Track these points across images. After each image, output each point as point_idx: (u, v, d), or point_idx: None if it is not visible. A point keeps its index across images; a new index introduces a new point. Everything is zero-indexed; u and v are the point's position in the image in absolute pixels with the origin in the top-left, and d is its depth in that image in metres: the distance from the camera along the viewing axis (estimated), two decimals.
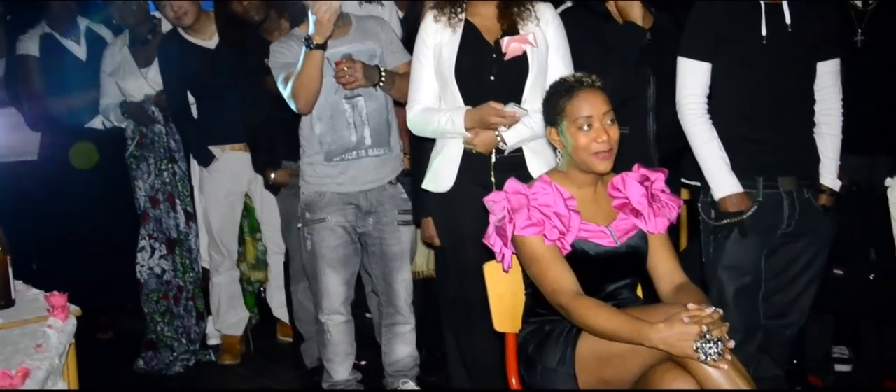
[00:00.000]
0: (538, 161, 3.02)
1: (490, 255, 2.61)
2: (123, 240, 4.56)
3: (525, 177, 2.78)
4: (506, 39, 3.00)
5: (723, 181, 2.90)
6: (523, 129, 2.97)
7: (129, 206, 4.47)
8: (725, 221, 2.92)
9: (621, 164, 2.56)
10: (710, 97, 2.96)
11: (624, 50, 3.18)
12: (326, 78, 3.28)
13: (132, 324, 4.67)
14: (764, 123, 2.91)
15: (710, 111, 2.95)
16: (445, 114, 3.02)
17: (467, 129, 2.99)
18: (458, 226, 3.10)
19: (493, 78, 3.00)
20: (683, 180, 3.19)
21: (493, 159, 3.04)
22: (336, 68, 3.25)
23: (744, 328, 2.92)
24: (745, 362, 2.23)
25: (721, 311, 2.19)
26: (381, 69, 3.33)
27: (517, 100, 2.99)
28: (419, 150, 3.34)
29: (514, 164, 3.01)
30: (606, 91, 2.46)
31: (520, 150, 3.04)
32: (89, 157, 4.62)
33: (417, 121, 3.11)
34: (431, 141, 3.21)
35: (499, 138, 2.98)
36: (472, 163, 3.05)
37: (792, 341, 3.19)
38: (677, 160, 3.15)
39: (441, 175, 3.10)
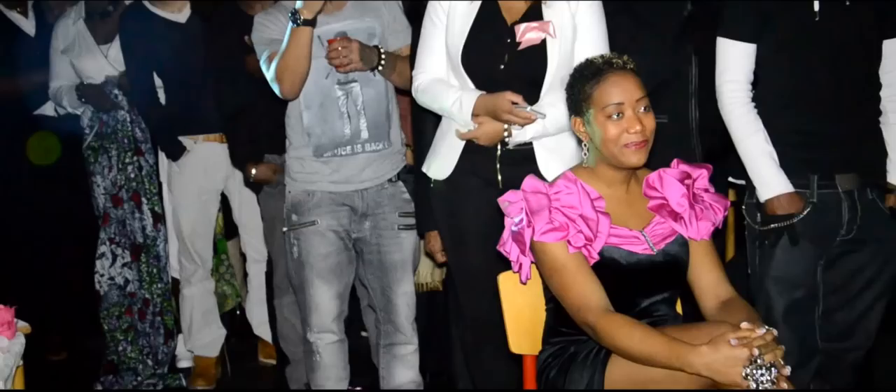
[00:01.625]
0: (549, 157, 3.02)
1: (502, 262, 2.61)
2: (80, 245, 4.57)
3: (534, 173, 2.77)
4: (522, 26, 3.00)
5: (770, 180, 2.89)
6: (533, 125, 2.98)
7: (87, 206, 4.48)
8: (773, 226, 2.91)
9: (659, 159, 2.56)
10: (754, 84, 2.95)
11: (660, 24, 3.17)
12: (317, 59, 3.28)
13: (90, 343, 4.68)
14: (818, 113, 2.90)
15: (754, 100, 2.95)
16: (455, 94, 3.03)
17: (474, 116, 2.99)
18: (457, 226, 3.12)
19: (502, 66, 3.01)
20: (731, 179, 3.18)
21: (499, 151, 3.05)
22: (328, 47, 3.25)
23: (797, 350, 2.90)
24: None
25: (775, 332, 2.18)
26: (381, 50, 3.34)
27: (534, 93, 2.99)
28: (422, 138, 3.34)
29: (521, 158, 3.02)
30: (640, 74, 2.45)
31: (529, 142, 3.04)
32: (49, 150, 4.63)
33: (425, 92, 3.13)
34: (434, 129, 3.22)
35: (505, 132, 2.98)
36: (475, 154, 3.06)
37: (858, 368, 3.16)
38: (724, 155, 3.14)
39: (442, 160, 3.12)
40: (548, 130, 2.97)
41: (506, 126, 2.97)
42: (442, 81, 3.10)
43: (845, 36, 2.89)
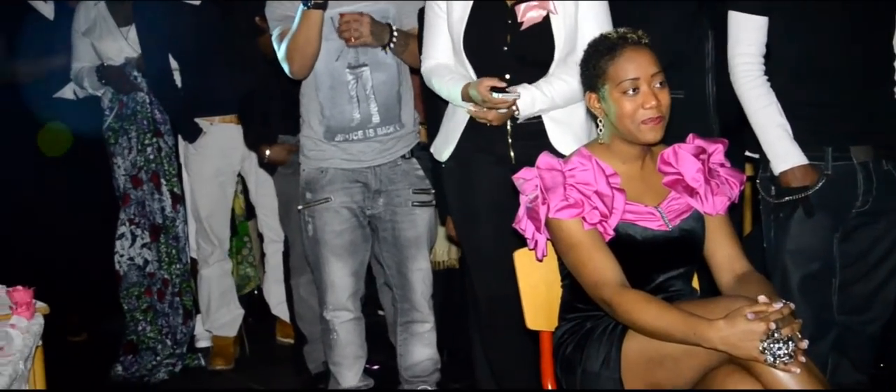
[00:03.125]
0: (560, 131, 3.02)
1: (516, 239, 2.61)
2: (100, 225, 4.59)
3: (547, 147, 2.76)
4: (522, 5, 2.99)
5: (784, 152, 2.88)
6: (539, 97, 2.97)
7: (106, 187, 4.50)
8: (788, 199, 2.90)
9: (676, 135, 2.54)
10: (766, 56, 2.93)
11: None
12: (327, 41, 3.28)
13: (109, 323, 4.70)
14: (832, 84, 2.88)
15: (767, 72, 2.93)
16: (447, 83, 3.06)
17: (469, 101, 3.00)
18: (469, 204, 3.13)
19: (506, 48, 3.00)
20: (748, 153, 3.16)
21: (509, 127, 3.04)
22: (340, 20, 3.24)
23: (813, 323, 2.88)
24: (817, 365, 2.21)
25: (792, 305, 2.17)
26: (393, 28, 3.32)
27: (539, 74, 2.99)
28: (435, 118, 3.33)
29: (533, 133, 3.01)
30: (656, 49, 2.43)
31: (538, 116, 3.03)
32: (61, 140, 4.64)
33: (429, 77, 3.15)
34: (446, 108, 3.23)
35: (514, 109, 2.97)
36: (484, 130, 3.06)
37: (876, 341, 3.15)
38: (741, 130, 3.13)
39: (446, 140, 3.15)
40: (556, 103, 2.97)
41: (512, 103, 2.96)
42: (442, 67, 3.11)
43: (858, 6, 2.86)
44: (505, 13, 3.02)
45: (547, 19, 2.99)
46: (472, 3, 3.03)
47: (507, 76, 2.98)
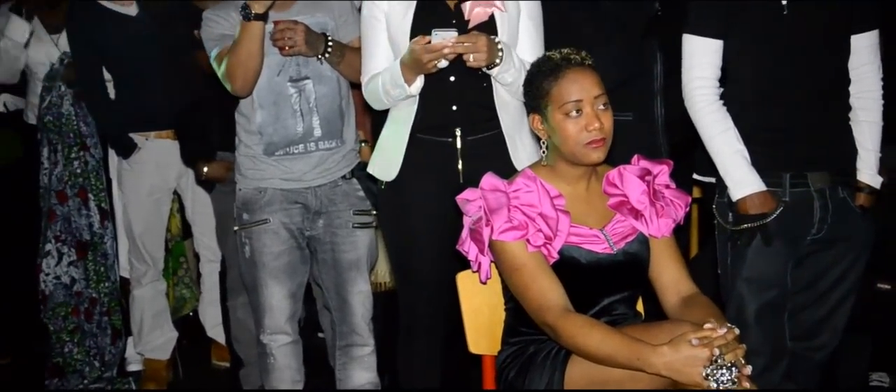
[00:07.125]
0: (519, 150, 3.05)
1: (460, 264, 2.62)
2: (23, 243, 4.53)
3: (501, 167, 2.78)
4: (468, 4, 3.02)
5: (742, 179, 2.89)
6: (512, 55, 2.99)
7: (27, 204, 4.44)
8: (746, 226, 2.92)
9: (625, 157, 2.59)
10: (722, 81, 2.96)
11: (626, 21, 3.19)
12: (269, 56, 3.28)
13: (34, 345, 4.64)
14: (788, 110, 2.90)
15: (723, 97, 2.94)
16: (385, 74, 3.04)
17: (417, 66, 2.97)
18: (405, 224, 3.14)
19: None
20: (696, 176, 3.20)
21: (459, 145, 3.07)
22: (274, 29, 3.25)
23: (768, 352, 2.92)
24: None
25: (736, 331, 2.21)
26: (329, 38, 3.34)
27: (485, 76, 3.00)
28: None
29: (487, 152, 3.03)
30: (600, 71, 2.48)
31: (496, 132, 3.06)
32: (11, 148, 4.59)
33: (370, 92, 3.13)
34: None
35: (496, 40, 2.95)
36: (431, 147, 3.08)
37: (824, 367, 3.18)
38: (689, 152, 3.16)
39: (388, 159, 3.14)
40: (519, 71, 2.95)
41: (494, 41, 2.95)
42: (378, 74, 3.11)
43: (814, 30, 2.89)
44: (449, 14, 3.04)
45: (492, 18, 3.02)
46: (413, 12, 3.04)
47: (452, 79, 3.01)
